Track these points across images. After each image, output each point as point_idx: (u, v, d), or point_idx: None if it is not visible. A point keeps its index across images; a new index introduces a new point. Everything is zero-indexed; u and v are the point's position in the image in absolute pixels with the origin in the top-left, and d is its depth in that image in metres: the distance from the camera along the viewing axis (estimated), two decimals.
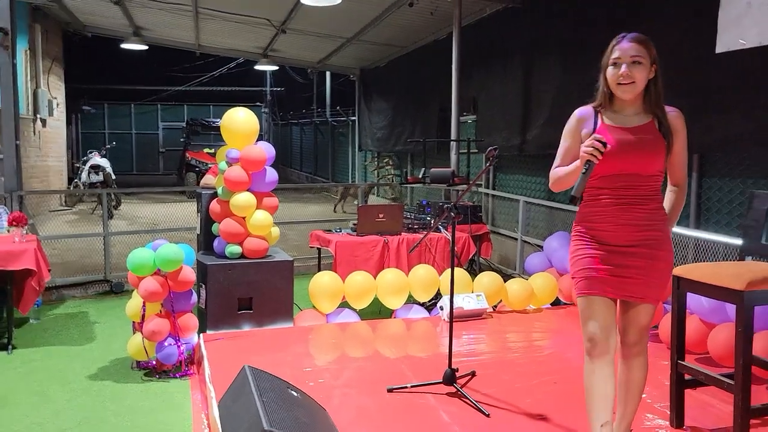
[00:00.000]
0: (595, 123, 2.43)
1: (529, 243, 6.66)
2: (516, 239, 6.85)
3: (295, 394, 2.74)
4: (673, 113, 2.41)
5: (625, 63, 2.32)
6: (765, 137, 4.10)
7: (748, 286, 2.56)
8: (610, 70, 2.38)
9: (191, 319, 4.13)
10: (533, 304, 4.98)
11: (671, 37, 4.55)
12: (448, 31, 8.35)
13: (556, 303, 5.19)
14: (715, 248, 4.48)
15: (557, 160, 2.54)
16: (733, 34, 3.87)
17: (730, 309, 3.53)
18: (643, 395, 3.26)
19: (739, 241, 3.20)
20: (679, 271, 2.89)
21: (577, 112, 2.51)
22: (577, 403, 3.19)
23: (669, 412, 2.99)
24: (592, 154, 2.27)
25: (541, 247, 5.86)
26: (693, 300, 3.59)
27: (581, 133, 2.46)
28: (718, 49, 3.96)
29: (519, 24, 6.92)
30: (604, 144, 2.28)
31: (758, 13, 3.71)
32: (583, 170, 2.31)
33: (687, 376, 2.94)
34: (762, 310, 3.34)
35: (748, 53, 3.83)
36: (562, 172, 2.48)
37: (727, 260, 4.20)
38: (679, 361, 2.93)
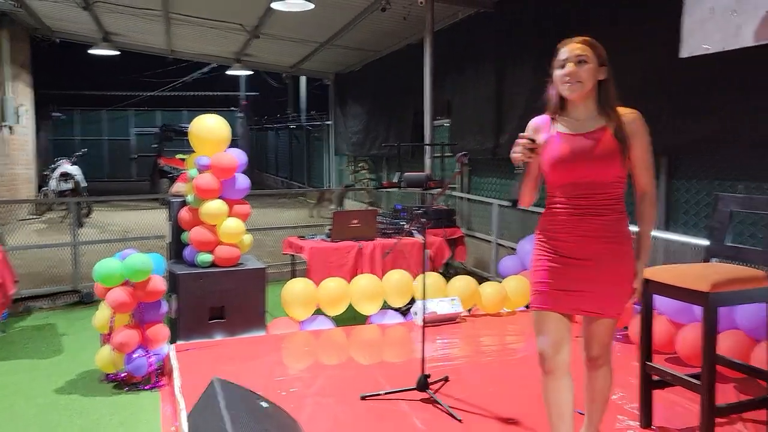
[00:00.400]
0: (550, 131, 2.39)
1: (504, 246, 6.70)
2: (490, 242, 6.87)
3: (265, 405, 2.70)
4: (630, 115, 2.33)
5: (570, 62, 2.30)
6: (731, 139, 4.17)
7: (713, 287, 2.60)
8: (557, 72, 2.35)
9: (161, 330, 4.06)
10: (507, 307, 5.00)
11: (638, 41, 4.62)
12: (421, 35, 8.37)
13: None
14: (684, 249, 4.54)
15: None
16: (697, 39, 3.94)
17: (698, 309, 3.57)
18: (614, 396, 3.32)
19: (705, 243, 3.25)
20: (646, 273, 2.92)
21: (532, 122, 2.47)
22: None
23: (638, 413, 3.02)
24: (523, 154, 2.27)
25: (515, 249, 5.89)
26: (662, 300, 3.64)
27: None
28: (683, 54, 4.03)
29: (491, 28, 6.97)
30: (533, 141, 2.28)
31: (721, 19, 3.78)
32: (519, 171, 2.30)
33: (655, 377, 2.97)
34: (727, 311, 3.40)
35: (713, 57, 3.89)
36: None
37: (696, 261, 4.26)
38: (647, 362, 2.96)
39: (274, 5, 6.69)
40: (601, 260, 2.31)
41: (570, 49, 2.33)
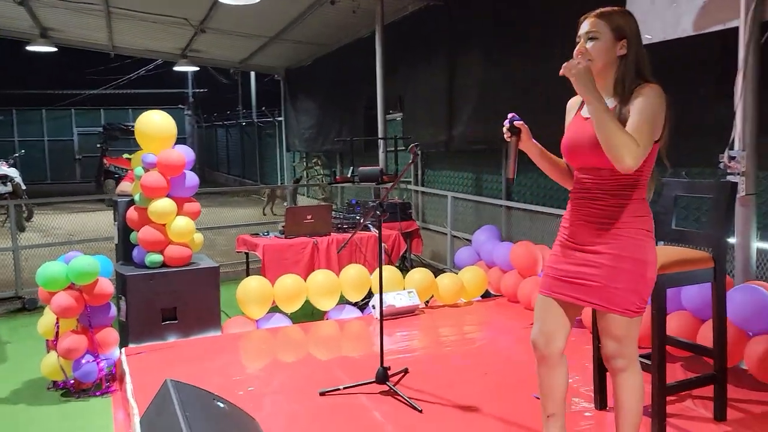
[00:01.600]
0: (575, 113, 2.30)
1: (459, 237, 6.75)
2: (446, 234, 6.92)
3: (222, 405, 2.64)
4: (643, 89, 2.09)
5: (582, 39, 2.17)
6: (676, 127, 4.29)
7: (661, 269, 2.66)
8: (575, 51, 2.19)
9: (111, 334, 3.93)
10: (464, 298, 5.04)
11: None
12: (370, 29, 8.35)
13: (486, 295, 5.28)
14: None
15: None
16: (640, 29, 4.03)
17: None
18: (570, 380, 3.38)
19: None
20: None
21: (569, 103, 2.38)
22: (508, 394, 3.26)
23: (593, 395, 3.08)
24: (505, 134, 2.24)
25: (470, 240, 5.94)
26: None
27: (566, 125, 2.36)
28: None
29: (441, 21, 7.00)
30: (511, 120, 2.23)
31: (661, 9, 3.88)
32: (508, 151, 2.27)
33: None
34: (673, 293, 3.51)
35: (655, 47, 3.99)
36: None
37: None
38: (599, 345, 3.01)
39: None
40: (606, 248, 2.16)
41: (583, 25, 2.19)
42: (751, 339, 3.24)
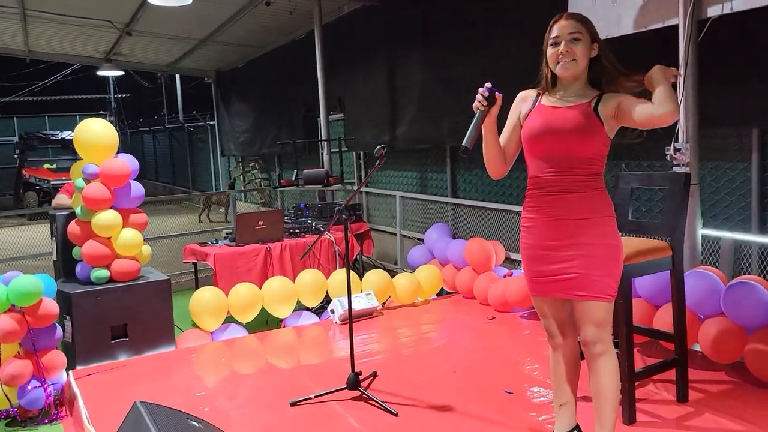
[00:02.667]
0: (534, 103, 2.36)
1: (408, 237, 6.78)
2: (394, 234, 6.94)
3: (196, 423, 2.53)
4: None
5: (564, 40, 2.22)
6: None
7: (625, 260, 2.76)
8: (549, 50, 2.27)
9: (58, 357, 3.69)
10: (420, 297, 5.06)
11: (527, 30, 4.82)
12: (306, 30, 8.27)
13: (441, 293, 5.33)
14: None
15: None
16: None
17: None
18: (534, 373, 3.45)
19: None
20: None
21: (520, 93, 2.43)
22: (479, 390, 3.29)
23: None
24: (479, 101, 2.24)
25: (420, 240, 5.98)
26: None
27: (520, 113, 2.40)
28: None
29: (378, 22, 7.00)
30: (491, 90, 2.23)
31: (602, 9, 4.02)
32: (475, 120, 2.23)
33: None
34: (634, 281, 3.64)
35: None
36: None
37: None
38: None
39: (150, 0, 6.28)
40: (578, 239, 2.23)
41: (562, 26, 2.25)
42: (704, 322, 3.41)
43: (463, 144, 2.19)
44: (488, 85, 2.26)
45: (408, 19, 6.52)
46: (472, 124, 2.24)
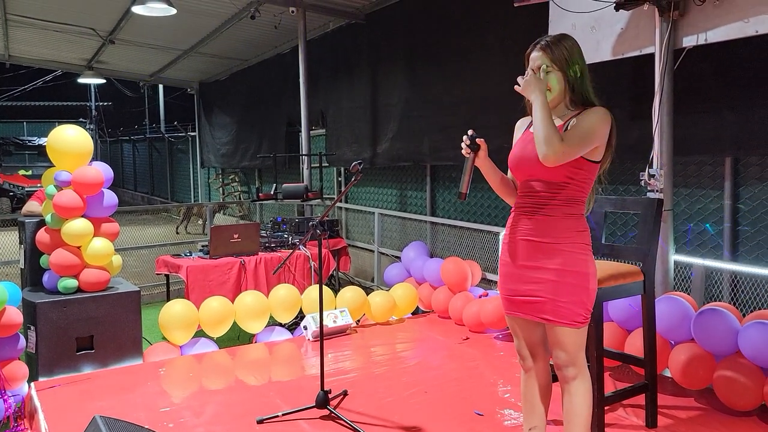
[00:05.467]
0: (523, 130, 2.40)
1: (386, 254, 6.76)
2: (372, 251, 6.91)
3: None
4: (589, 109, 2.25)
5: (538, 72, 2.25)
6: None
7: (597, 284, 2.76)
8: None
9: (19, 368, 3.58)
10: (395, 315, 5.03)
11: (507, 54, 4.88)
12: (291, 45, 8.30)
13: (417, 312, 5.30)
14: None
15: None
16: None
17: None
18: (506, 395, 3.43)
19: None
20: None
21: (518, 122, 2.49)
22: (450, 411, 3.26)
23: None
24: (464, 148, 2.30)
25: (398, 257, 5.96)
26: None
27: (514, 141, 2.46)
28: None
29: (363, 39, 7.04)
30: (472, 137, 2.28)
31: (582, 35, 4.07)
32: (465, 165, 2.31)
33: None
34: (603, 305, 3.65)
35: None
36: None
37: None
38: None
39: (134, 9, 6.25)
40: (548, 264, 2.24)
41: (533, 59, 2.28)
42: (674, 348, 3.42)
43: (459, 191, 2.30)
44: (470, 132, 2.31)
45: (392, 38, 6.57)
46: (464, 170, 2.31)
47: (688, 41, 3.51)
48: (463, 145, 2.30)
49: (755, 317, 3.16)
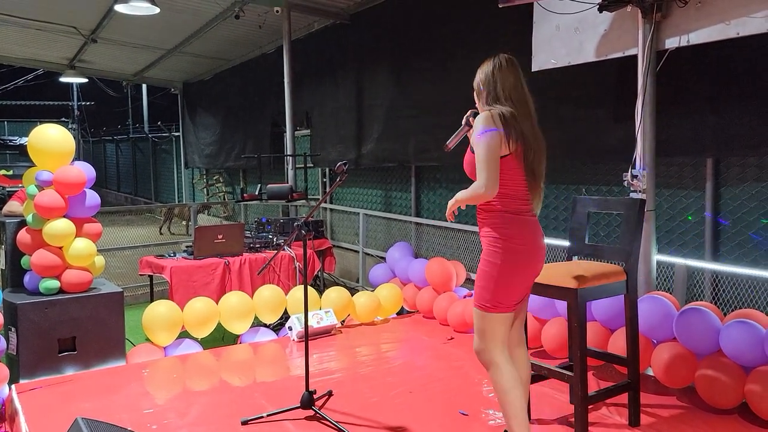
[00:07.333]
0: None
1: (371, 255, 6.75)
2: (357, 252, 6.90)
3: None
4: (478, 117, 2.55)
5: None
6: (575, 147, 4.56)
7: (580, 284, 2.79)
8: None
9: (0, 369, 3.54)
10: (380, 315, 5.03)
11: (491, 53, 4.89)
12: (275, 45, 8.26)
13: (401, 312, 5.30)
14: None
15: None
16: (546, 54, 4.25)
17: (560, 305, 3.84)
18: (490, 395, 3.45)
19: (566, 243, 3.49)
20: None
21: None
22: (434, 411, 3.27)
23: None
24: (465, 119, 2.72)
25: (383, 258, 5.95)
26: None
27: None
28: (533, 68, 4.31)
29: (348, 40, 7.03)
30: (473, 114, 2.65)
31: (566, 36, 4.11)
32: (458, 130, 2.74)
33: (530, 372, 3.11)
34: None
35: (560, 71, 4.22)
36: None
37: (553, 260, 4.59)
38: None
39: (117, 7, 6.19)
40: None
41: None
42: (656, 347, 3.45)
43: (446, 144, 2.72)
44: (472, 111, 2.68)
45: (377, 39, 6.57)
46: (456, 132, 2.72)
47: (671, 43, 3.55)
48: (468, 115, 2.66)
49: (736, 316, 3.21)
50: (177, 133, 13.22)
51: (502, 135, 2.44)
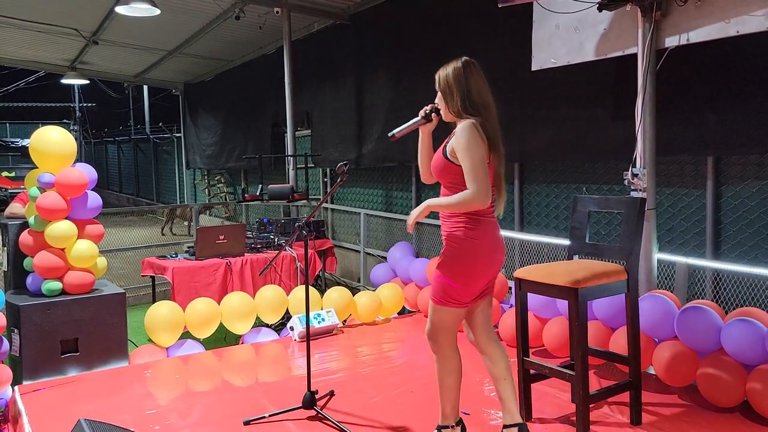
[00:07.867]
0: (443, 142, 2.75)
1: (372, 255, 6.76)
2: (358, 251, 6.91)
3: None
4: (459, 127, 2.59)
5: None
6: (576, 146, 4.56)
7: (581, 283, 2.79)
8: None
9: (3, 371, 3.55)
10: (381, 315, 5.03)
11: (492, 55, 4.90)
12: (276, 45, 8.27)
13: (403, 311, 5.31)
14: (539, 248, 4.89)
15: None
16: (546, 54, 4.25)
17: (561, 304, 3.85)
18: (491, 394, 3.45)
19: (567, 242, 3.50)
20: (519, 273, 3.08)
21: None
22: (436, 410, 3.24)
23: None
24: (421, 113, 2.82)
25: (384, 258, 5.96)
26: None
27: None
28: (533, 67, 4.32)
29: (348, 40, 7.04)
30: (433, 109, 2.74)
31: (565, 35, 4.11)
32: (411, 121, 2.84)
33: (532, 371, 3.13)
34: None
35: (560, 71, 4.23)
36: None
37: (554, 259, 4.59)
38: (525, 358, 3.11)
39: (118, 9, 6.20)
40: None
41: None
42: (658, 345, 3.46)
43: (391, 133, 2.82)
44: (434, 106, 2.74)
45: (377, 39, 6.57)
46: (407, 123, 2.80)
47: (671, 41, 3.55)
48: (422, 110, 2.72)
49: (737, 314, 3.21)
50: (178, 134, 13.23)
51: (486, 146, 2.55)
